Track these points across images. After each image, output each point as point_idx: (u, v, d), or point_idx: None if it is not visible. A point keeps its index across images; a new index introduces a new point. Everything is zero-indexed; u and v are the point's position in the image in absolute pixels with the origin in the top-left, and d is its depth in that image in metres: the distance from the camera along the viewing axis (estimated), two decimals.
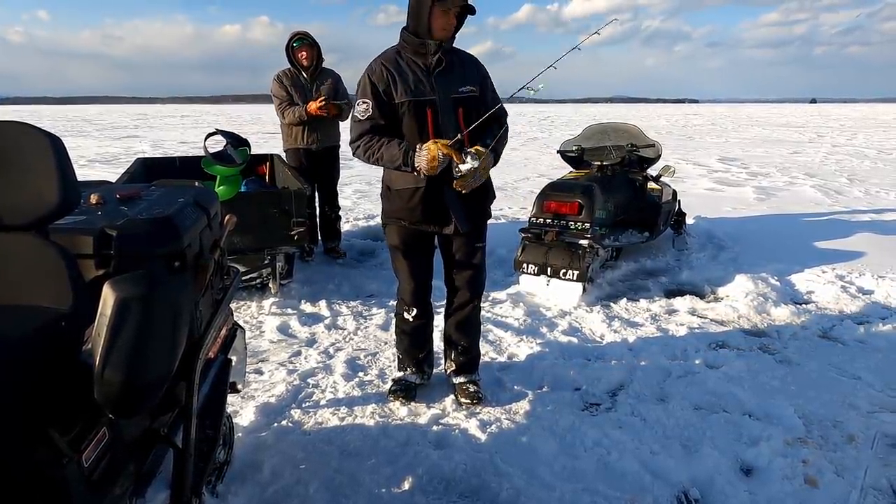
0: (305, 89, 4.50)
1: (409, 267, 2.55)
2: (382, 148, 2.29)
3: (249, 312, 3.66)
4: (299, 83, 4.50)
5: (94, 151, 14.33)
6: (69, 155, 1.24)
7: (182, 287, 1.23)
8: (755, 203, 7.55)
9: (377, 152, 2.30)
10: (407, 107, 2.32)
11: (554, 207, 4.02)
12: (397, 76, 2.31)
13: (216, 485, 1.93)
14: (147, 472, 1.35)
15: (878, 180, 9.56)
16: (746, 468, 2.18)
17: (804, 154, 13.96)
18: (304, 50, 4.42)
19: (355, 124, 2.37)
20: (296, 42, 4.41)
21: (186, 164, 4.83)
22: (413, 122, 2.32)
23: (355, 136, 2.36)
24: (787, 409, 2.53)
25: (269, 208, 3.67)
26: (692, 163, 11.95)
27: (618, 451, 2.23)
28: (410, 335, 2.67)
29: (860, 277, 4.32)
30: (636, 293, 4.10)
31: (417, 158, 2.23)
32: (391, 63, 2.34)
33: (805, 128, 25.69)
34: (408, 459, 2.18)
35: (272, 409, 2.54)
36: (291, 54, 4.45)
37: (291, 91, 4.46)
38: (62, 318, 1.14)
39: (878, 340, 3.28)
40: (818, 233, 5.70)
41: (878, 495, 2.04)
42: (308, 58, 4.43)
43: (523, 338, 3.28)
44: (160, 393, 1.04)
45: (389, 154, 2.28)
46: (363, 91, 2.34)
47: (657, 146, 5.09)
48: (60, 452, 0.96)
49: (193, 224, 1.55)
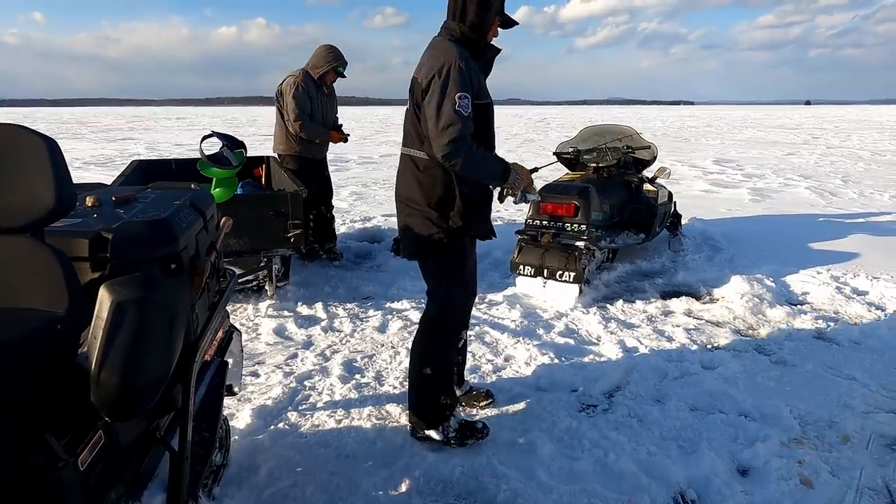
0: (324, 105, 4.64)
1: (473, 279, 2.37)
2: (484, 157, 2.11)
3: (246, 315, 3.66)
4: (321, 94, 4.61)
5: (89, 154, 14.29)
6: (64, 157, 1.23)
7: (178, 290, 1.23)
8: (750, 204, 7.58)
9: (478, 159, 2.08)
10: (487, 108, 2.16)
11: (550, 209, 4.03)
12: (476, 74, 2.12)
13: (213, 488, 1.92)
14: (143, 475, 1.34)
15: (872, 182, 9.62)
16: (743, 469, 2.19)
17: (799, 156, 14.03)
18: (338, 77, 4.62)
19: (463, 120, 2.01)
20: (341, 68, 4.57)
21: (182, 167, 4.83)
22: (487, 125, 2.18)
23: (461, 133, 2.01)
24: (782, 410, 2.54)
25: (266, 210, 3.66)
26: (688, 164, 11.99)
27: (615, 452, 2.24)
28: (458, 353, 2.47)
29: (855, 278, 4.34)
30: (632, 295, 4.11)
31: (514, 178, 2.18)
32: (467, 58, 2.10)
33: (800, 130, 25.82)
34: (405, 462, 2.18)
35: (269, 411, 2.53)
36: (327, 73, 4.54)
37: (315, 103, 4.55)
38: (58, 321, 1.14)
39: (872, 341, 3.30)
40: (813, 234, 5.73)
41: (873, 495, 2.05)
42: (334, 81, 4.67)
43: (520, 339, 3.28)
44: (156, 396, 1.04)
45: (491, 167, 2.14)
46: (462, 83, 2.02)
47: (653, 148, 5.11)
48: (56, 456, 0.95)
49: (189, 227, 1.54)
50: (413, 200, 2.23)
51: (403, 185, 2.29)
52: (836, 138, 20.17)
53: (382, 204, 7.42)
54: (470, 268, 2.33)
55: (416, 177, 2.21)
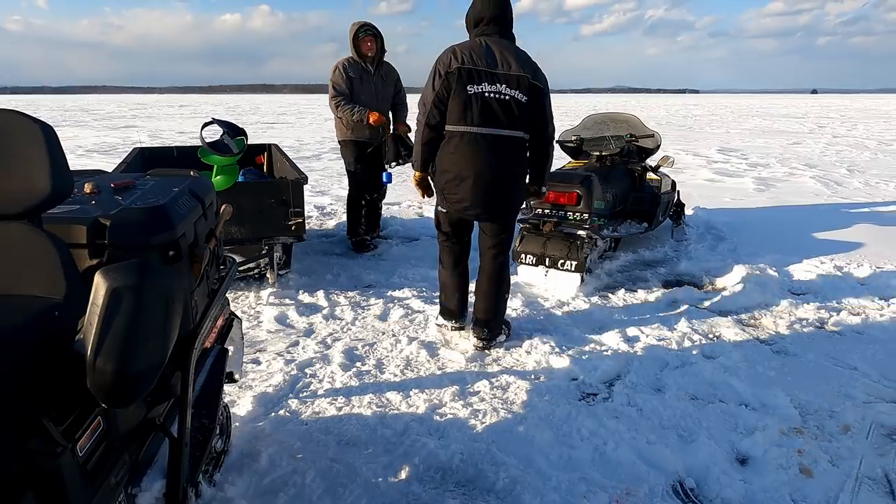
0: (372, 79, 4.48)
1: None
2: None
3: (247, 302, 3.66)
4: (365, 72, 4.47)
5: (91, 141, 14.27)
6: (61, 143, 1.23)
7: (175, 276, 1.23)
8: (754, 194, 7.54)
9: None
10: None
11: (553, 198, 4.00)
12: None
13: (213, 474, 1.93)
14: (143, 461, 1.35)
15: (878, 171, 9.55)
16: (742, 458, 2.19)
17: (804, 145, 13.93)
18: (370, 40, 4.42)
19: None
20: (361, 32, 4.40)
21: (184, 154, 4.82)
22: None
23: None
24: (782, 399, 2.53)
25: (267, 198, 3.66)
26: (692, 153, 11.92)
27: (614, 440, 2.24)
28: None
29: (858, 268, 4.32)
30: (634, 284, 4.10)
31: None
32: None
33: (805, 119, 25.62)
34: (405, 449, 2.19)
35: (270, 398, 2.54)
36: (357, 44, 4.42)
37: (354, 82, 4.42)
38: (56, 307, 1.13)
39: (875, 331, 3.29)
40: (817, 224, 5.69)
41: (872, 485, 2.05)
42: (372, 48, 4.44)
43: (521, 328, 3.28)
44: (153, 382, 1.04)
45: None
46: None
47: (656, 136, 5.08)
48: (55, 442, 0.96)
49: (188, 214, 1.54)
50: (514, 172, 2.87)
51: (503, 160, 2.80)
52: (843, 127, 20.02)
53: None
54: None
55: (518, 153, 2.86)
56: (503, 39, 2.80)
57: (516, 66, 2.74)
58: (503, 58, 2.74)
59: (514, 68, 2.73)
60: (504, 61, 2.73)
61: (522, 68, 2.74)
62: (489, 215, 2.90)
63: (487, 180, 2.76)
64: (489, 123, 2.73)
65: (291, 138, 14.68)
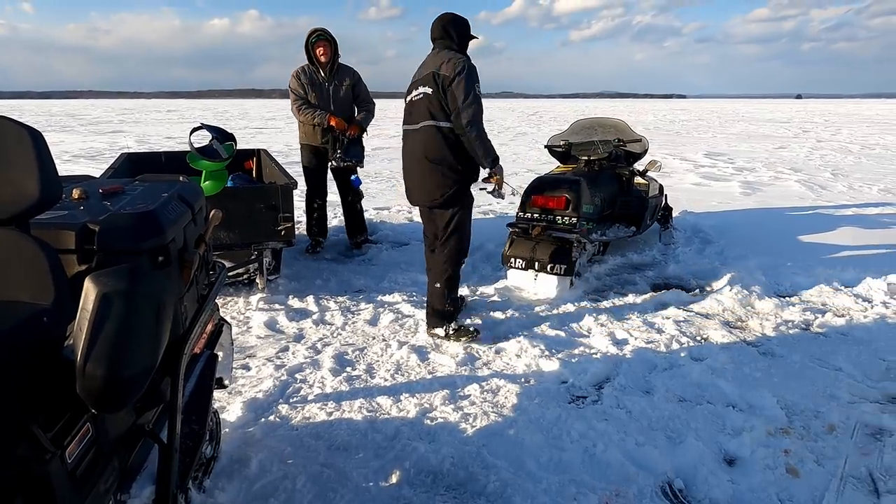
0: (322, 86, 4.52)
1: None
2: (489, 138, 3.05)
3: (237, 308, 3.65)
4: (316, 80, 4.52)
5: (78, 147, 14.13)
6: (49, 149, 1.23)
7: (164, 281, 1.23)
8: (741, 198, 7.62)
9: (487, 139, 3.02)
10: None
11: (541, 202, 4.03)
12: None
13: (203, 480, 1.92)
14: (132, 467, 1.34)
15: (861, 175, 9.69)
16: (729, 458, 2.22)
17: (789, 149, 14.10)
18: (322, 46, 4.44)
19: (481, 106, 2.97)
20: (314, 38, 4.44)
21: (172, 160, 4.80)
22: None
23: (482, 117, 2.97)
24: (769, 400, 2.57)
25: (256, 203, 3.65)
26: (679, 158, 12.03)
27: (603, 442, 2.26)
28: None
29: (843, 271, 4.38)
30: (623, 287, 4.13)
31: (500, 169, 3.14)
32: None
33: (790, 123, 25.94)
34: (395, 453, 2.19)
35: (259, 404, 2.54)
36: (311, 50, 4.46)
37: (307, 88, 4.48)
38: (44, 313, 1.13)
39: (858, 332, 3.34)
40: (802, 227, 5.77)
41: (857, 484, 2.08)
42: (325, 54, 4.46)
43: (510, 331, 3.30)
44: (143, 387, 1.04)
45: (491, 145, 3.06)
46: (477, 76, 3.00)
47: (644, 141, 5.13)
48: (43, 448, 0.95)
49: (177, 219, 1.54)
50: (425, 159, 3.07)
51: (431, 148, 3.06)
52: (827, 132, 20.29)
53: (374, 197, 7.41)
54: (471, 208, 3.26)
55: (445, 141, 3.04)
56: (443, 50, 3.10)
57: (431, 66, 3.05)
58: (425, 64, 3.13)
59: (428, 69, 3.07)
60: (424, 66, 3.12)
61: (435, 67, 3.02)
62: (411, 200, 3.27)
63: (405, 168, 3.24)
64: (407, 121, 3.22)
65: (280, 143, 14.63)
